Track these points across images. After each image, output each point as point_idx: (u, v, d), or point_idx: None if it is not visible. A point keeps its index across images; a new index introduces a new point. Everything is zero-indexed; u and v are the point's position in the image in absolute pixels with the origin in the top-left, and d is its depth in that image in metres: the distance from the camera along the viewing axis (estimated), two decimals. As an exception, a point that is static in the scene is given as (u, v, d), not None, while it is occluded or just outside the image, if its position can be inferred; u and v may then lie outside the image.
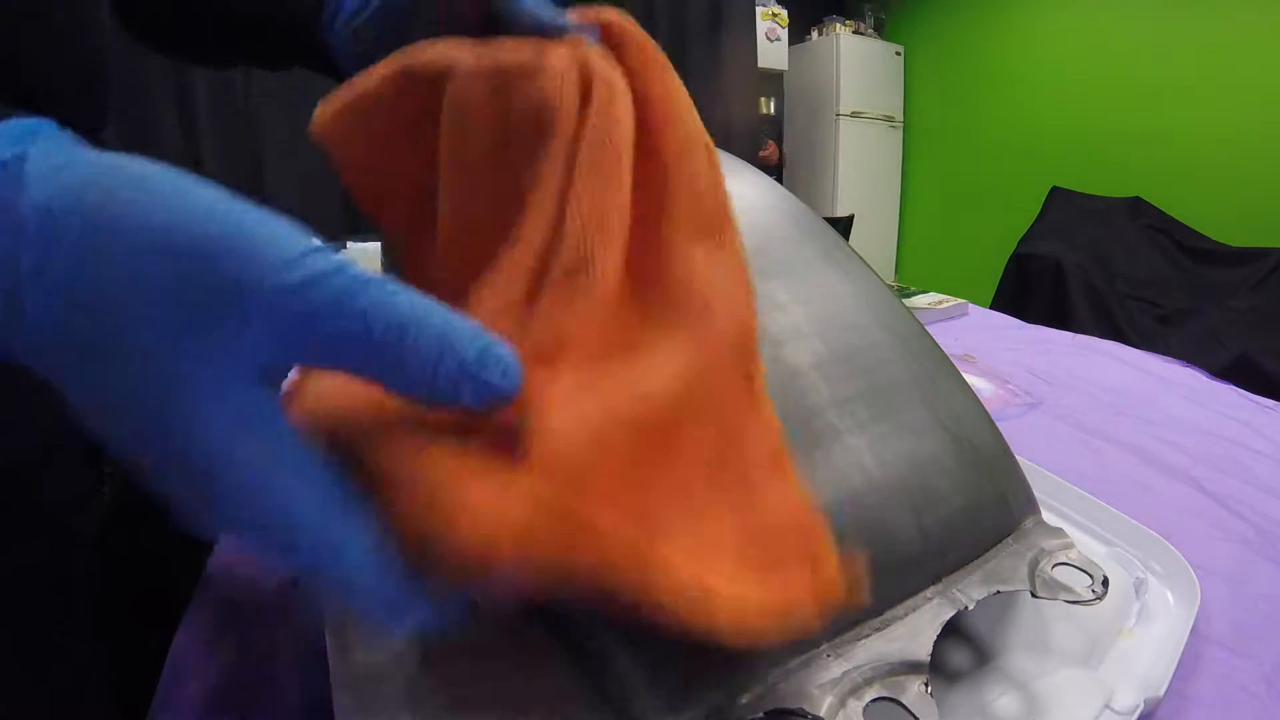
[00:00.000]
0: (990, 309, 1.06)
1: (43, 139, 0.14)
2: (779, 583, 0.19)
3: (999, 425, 0.31)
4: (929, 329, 0.34)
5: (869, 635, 0.23)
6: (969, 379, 0.33)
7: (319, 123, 0.25)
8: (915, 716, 0.20)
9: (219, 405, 0.14)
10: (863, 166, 3.24)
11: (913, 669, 0.22)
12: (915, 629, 0.23)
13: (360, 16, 0.29)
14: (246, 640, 0.34)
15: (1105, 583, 0.25)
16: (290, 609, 0.36)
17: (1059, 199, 2.57)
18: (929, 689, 0.21)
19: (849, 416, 0.27)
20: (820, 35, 3.21)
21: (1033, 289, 2.24)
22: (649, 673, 0.21)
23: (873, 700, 0.21)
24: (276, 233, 0.14)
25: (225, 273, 0.14)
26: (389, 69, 0.25)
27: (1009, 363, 0.76)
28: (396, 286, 0.15)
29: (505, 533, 0.15)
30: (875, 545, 0.24)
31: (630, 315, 0.22)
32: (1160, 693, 0.27)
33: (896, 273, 3.56)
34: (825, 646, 0.23)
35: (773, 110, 3.19)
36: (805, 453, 0.25)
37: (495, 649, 0.24)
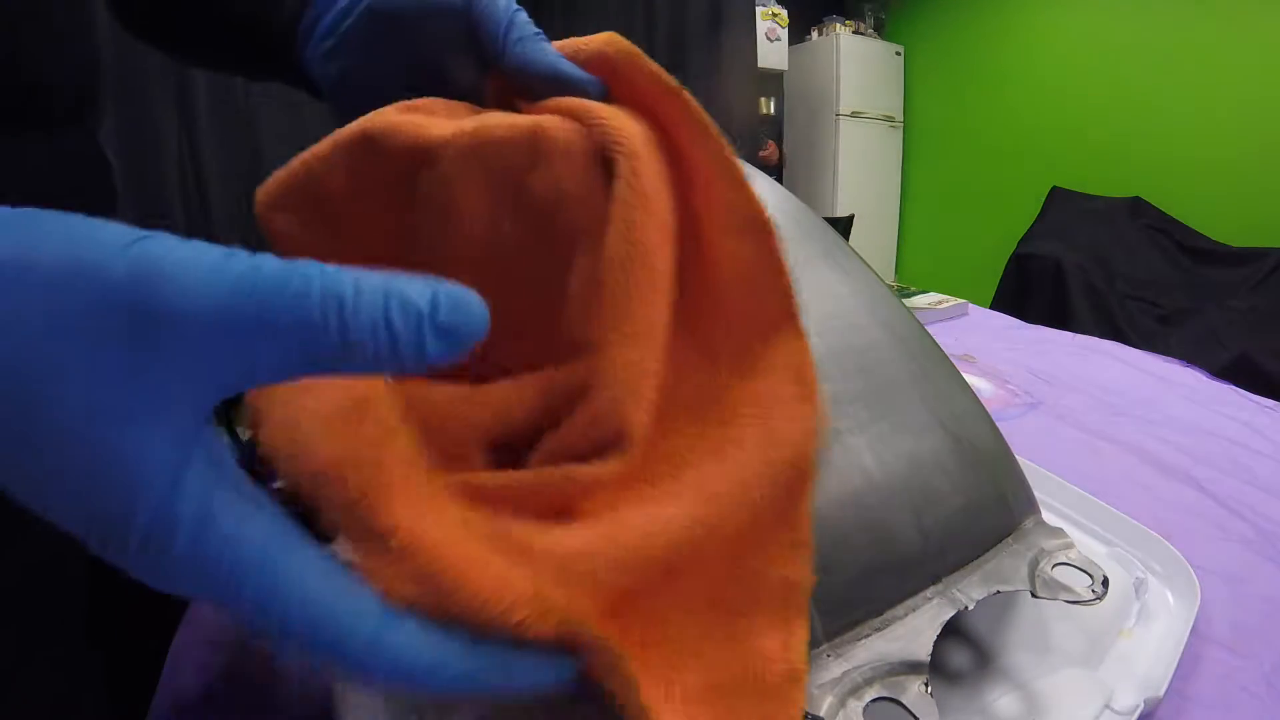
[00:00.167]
0: (990, 309, 1.06)
1: None
2: None
3: (999, 425, 0.31)
4: (929, 329, 0.34)
5: (869, 635, 0.23)
6: (969, 379, 0.33)
7: (263, 199, 0.23)
8: (915, 716, 0.20)
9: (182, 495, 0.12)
10: (863, 167, 3.24)
11: (913, 669, 0.22)
12: (915, 629, 0.23)
13: (331, 38, 0.28)
14: (246, 640, 0.34)
15: (1105, 583, 0.25)
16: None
17: (1059, 199, 2.58)
18: (929, 689, 0.21)
19: (849, 416, 0.27)
20: (820, 35, 3.21)
21: (1033, 289, 2.24)
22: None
23: (873, 700, 0.21)
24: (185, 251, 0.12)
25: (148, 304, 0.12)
26: (348, 134, 0.22)
27: (1009, 363, 0.76)
28: (322, 265, 0.13)
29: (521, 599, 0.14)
30: (875, 545, 0.24)
31: (678, 426, 0.21)
32: (1160, 693, 0.27)
33: (896, 273, 3.56)
34: (825, 646, 0.23)
35: (773, 110, 3.19)
36: (805, 453, 0.25)
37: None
